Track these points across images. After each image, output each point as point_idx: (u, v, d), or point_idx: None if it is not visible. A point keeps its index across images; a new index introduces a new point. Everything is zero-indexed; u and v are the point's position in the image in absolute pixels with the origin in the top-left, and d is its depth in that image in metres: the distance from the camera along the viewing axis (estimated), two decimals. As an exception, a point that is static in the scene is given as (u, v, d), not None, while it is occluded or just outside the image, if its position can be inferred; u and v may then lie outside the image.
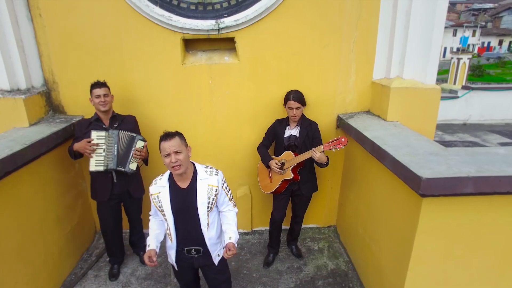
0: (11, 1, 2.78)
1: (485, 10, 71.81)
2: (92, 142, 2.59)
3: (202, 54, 3.17)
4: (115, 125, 2.73)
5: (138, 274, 3.11)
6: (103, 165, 2.64)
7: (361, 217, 2.97)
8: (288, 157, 2.85)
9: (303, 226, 3.48)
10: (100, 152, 2.63)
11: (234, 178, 3.40)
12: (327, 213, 3.67)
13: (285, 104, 2.89)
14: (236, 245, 1.99)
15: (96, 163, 2.64)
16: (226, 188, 2.07)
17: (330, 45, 3.08)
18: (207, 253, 2.05)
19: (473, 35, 61.41)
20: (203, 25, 2.92)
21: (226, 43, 3.13)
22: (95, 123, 2.71)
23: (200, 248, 2.02)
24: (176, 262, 2.09)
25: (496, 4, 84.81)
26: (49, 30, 2.97)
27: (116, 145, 2.64)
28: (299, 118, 2.88)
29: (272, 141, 3.07)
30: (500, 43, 59.46)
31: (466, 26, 58.48)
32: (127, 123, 2.81)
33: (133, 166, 2.71)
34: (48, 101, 3.15)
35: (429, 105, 2.91)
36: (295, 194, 3.04)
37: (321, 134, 2.95)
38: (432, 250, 2.05)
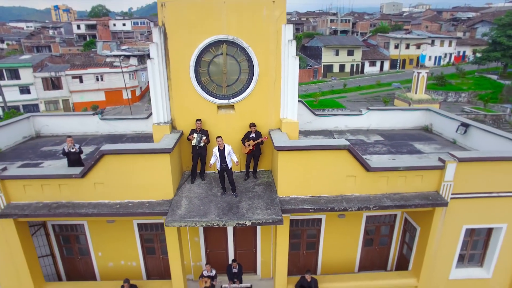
0: (165, 96, 9.11)
1: (463, 21, 78.16)
2: (193, 136, 8.95)
3: (223, 110, 9.52)
4: (200, 132, 9.08)
5: (201, 183, 9.44)
6: (195, 143, 8.98)
7: (274, 165, 9.30)
8: (251, 142, 9.19)
9: (258, 170, 9.86)
10: (195, 139, 8.98)
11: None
12: (268, 164, 10.00)
13: (250, 126, 9.23)
14: (236, 162, 8.41)
15: (193, 142, 8.99)
16: (231, 150, 8.44)
17: (266, 104, 9.39)
18: (227, 165, 8.42)
19: (450, 45, 67.42)
20: (223, 102, 9.28)
21: (231, 107, 9.47)
22: (195, 131, 9.08)
23: (226, 164, 8.39)
24: (220, 168, 8.47)
25: (478, 13, 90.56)
26: (174, 102, 9.31)
27: (198, 138, 8.97)
28: (255, 130, 9.21)
29: (245, 138, 9.39)
30: (474, 52, 65.63)
31: (440, 37, 64.37)
32: (204, 132, 9.17)
33: (201, 144, 9.04)
34: (171, 125, 9.48)
35: (294, 128, 9.25)
36: (254, 155, 9.39)
37: (262, 135, 9.27)
38: (286, 173, 8.35)
